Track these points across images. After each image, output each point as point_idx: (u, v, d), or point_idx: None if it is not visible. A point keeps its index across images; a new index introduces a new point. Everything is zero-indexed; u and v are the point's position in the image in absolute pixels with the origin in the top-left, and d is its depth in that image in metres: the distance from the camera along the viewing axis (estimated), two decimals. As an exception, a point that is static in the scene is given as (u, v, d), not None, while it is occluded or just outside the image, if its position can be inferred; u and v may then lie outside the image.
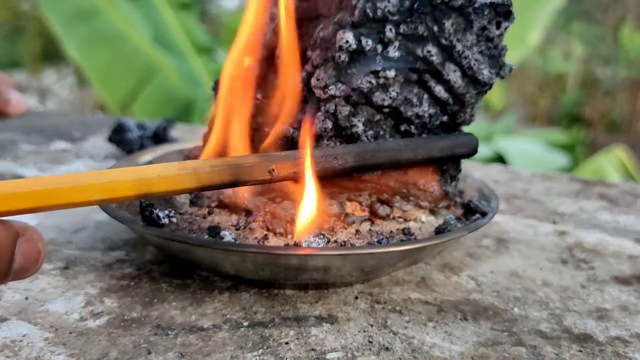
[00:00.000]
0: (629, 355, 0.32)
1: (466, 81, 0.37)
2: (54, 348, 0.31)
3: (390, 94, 0.37)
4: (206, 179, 0.32)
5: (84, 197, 0.29)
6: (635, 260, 0.44)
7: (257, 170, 0.33)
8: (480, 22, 0.36)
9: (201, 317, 0.34)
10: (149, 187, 0.31)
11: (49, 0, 3.05)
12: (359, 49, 0.36)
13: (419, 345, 0.32)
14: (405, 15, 0.36)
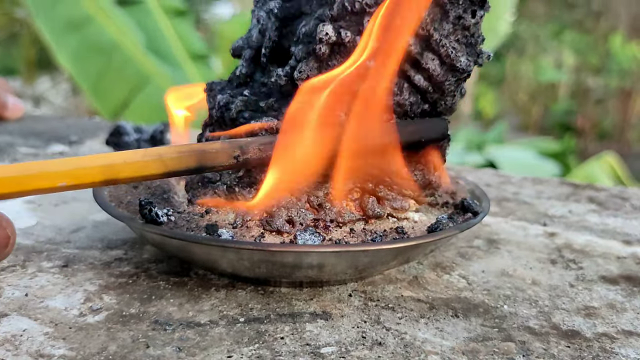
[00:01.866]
0: (615, 351, 0.33)
1: (445, 69, 0.38)
2: (54, 342, 0.32)
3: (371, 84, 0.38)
4: (172, 165, 0.33)
5: (51, 184, 0.30)
6: (623, 261, 0.45)
7: (222, 156, 0.34)
8: (456, 11, 0.38)
9: (198, 313, 0.35)
10: (115, 174, 0.31)
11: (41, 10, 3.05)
12: (339, 41, 0.37)
13: (411, 341, 0.33)
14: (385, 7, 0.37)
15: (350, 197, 0.38)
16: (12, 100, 0.80)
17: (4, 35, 7.59)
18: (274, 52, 0.42)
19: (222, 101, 0.41)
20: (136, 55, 3.08)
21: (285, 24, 0.41)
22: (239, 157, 0.35)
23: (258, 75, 0.43)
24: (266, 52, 0.42)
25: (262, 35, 0.43)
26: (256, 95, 0.41)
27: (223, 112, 0.41)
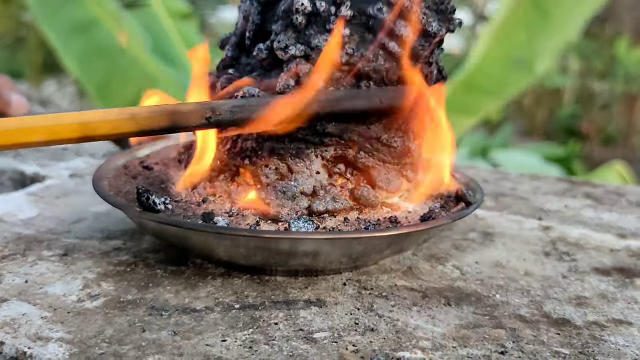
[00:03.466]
0: (605, 339, 0.34)
1: (418, 36, 0.39)
2: (52, 326, 0.32)
3: (347, 51, 0.38)
4: (145, 124, 0.34)
5: (29, 139, 0.31)
6: (616, 254, 0.45)
7: (194, 116, 0.35)
8: None
9: (194, 300, 0.36)
10: (91, 131, 0.32)
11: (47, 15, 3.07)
12: (315, 12, 0.38)
13: (403, 327, 0.34)
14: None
15: (345, 185, 0.39)
16: (15, 98, 0.80)
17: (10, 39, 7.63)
18: (257, 34, 0.43)
19: (211, 82, 0.42)
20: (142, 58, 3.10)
21: (267, 9, 0.42)
22: (210, 119, 0.35)
23: (243, 59, 0.44)
24: (250, 35, 0.43)
25: (246, 21, 0.44)
26: (240, 73, 0.42)
27: (212, 91, 0.42)
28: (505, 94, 3.01)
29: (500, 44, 2.62)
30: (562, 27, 2.72)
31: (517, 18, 2.54)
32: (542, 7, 2.50)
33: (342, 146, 0.39)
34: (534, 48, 2.68)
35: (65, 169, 0.60)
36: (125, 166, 0.45)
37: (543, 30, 2.68)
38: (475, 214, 0.52)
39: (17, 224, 0.46)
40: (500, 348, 0.32)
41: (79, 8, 3.09)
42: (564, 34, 2.81)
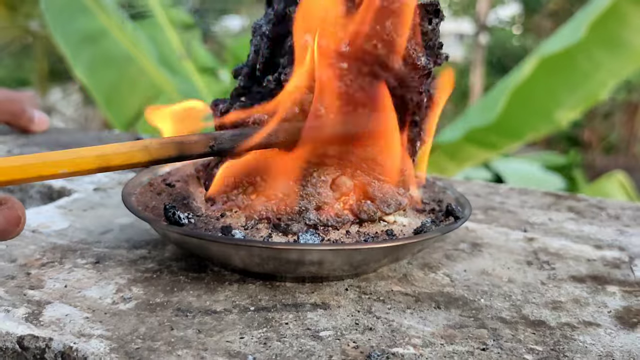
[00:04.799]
0: (574, 338, 0.38)
1: (408, 68, 0.43)
2: (92, 325, 0.37)
3: (344, 82, 0.43)
4: (156, 154, 0.39)
5: (53, 171, 0.36)
6: (592, 263, 0.50)
7: (199, 146, 0.40)
8: (416, 19, 0.43)
9: (214, 303, 0.41)
10: (107, 162, 0.37)
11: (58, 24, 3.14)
12: (321, 48, 0.43)
13: (398, 327, 0.39)
14: (354, 19, 0.43)
15: (346, 202, 0.44)
16: (38, 114, 0.86)
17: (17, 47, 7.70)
18: (267, 66, 0.48)
19: (223, 109, 0.47)
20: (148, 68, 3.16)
21: (276, 43, 0.47)
22: (213, 147, 0.40)
23: (254, 88, 0.49)
24: (260, 67, 0.48)
25: (257, 54, 0.49)
26: (251, 100, 0.47)
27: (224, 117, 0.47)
28: (524, 137, 3.07)
29: (523, 91, 2.66)
30: (590, 82, 2.76)
31: (544, 68, 2.58)
32: (572, 60, 2.54)
33: (342, 166, 0.44)
34: (556, 99, 2.73)
35: (89, 183, 0.65)
36: (149, 183, 0.50)
37: (568, 83, 2.72)
38: (465, 226, 0.56)
39: (51, 235, 0.51)
40: (481, 345, 0.37)
41: (89, 19, 3.16)
42: (591, 89, 2.84)
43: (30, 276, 0.43)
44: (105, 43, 3.05)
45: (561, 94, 2.81)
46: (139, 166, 0.40)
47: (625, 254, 0.52)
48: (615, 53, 2.62)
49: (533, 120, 3.02)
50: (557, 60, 2.58)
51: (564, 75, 2.71)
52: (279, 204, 0.43)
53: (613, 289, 0.45)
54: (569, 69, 2.64)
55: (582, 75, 2.73)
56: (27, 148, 0.78)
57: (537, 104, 2.82)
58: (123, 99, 3.13)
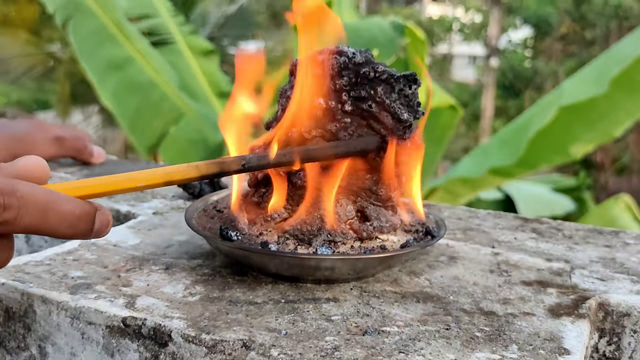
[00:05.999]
0: (514, 323, 0.54)
1: (394, 121, 0.59)
2: (172, 310, 0.53)
3: (349, 132, 0.59)
4: (204, 170, 0.54)
5: (133, 184, 0.51)
6: (541, 272, 0.65)
7: (234, 165, 0.55)
8: (399, 86, 0.59)
9: (255, 297, 0.56)
10: (170, 177, 0.52)
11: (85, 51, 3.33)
12: (327, 107, 0.59)
13: (387, 314, 0.54)
14: (353, 86, 0.59)
15: (351, 224, 0.59)
16: (96, 149, 1.03)
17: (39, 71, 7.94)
18: None
19: None
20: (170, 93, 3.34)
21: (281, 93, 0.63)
22: (244, 165, 0.56)
23: None
24: None
25: (283, 111, 0.65)
26: None
27: None
28: (539, 167, 3.22)
29: (544, 134, 2.81)
30: (607, 121, 2.90)
31: (565, 113, 2.73)
32: (592, 103, 2.69)
33: (347, 195, 0.60)
34: (573, 135, 2.88)
35: (148, 208, 0.81)
36: (204, 209, 0.67)
37: (586, 121, 2.86)
38: (446, 243, 0.72)
39: (128, 248, 0.67)
40: (446, 326, 0.52)
41: (114, 46, 3.36)
42: (607, 128, 2.99)
43: (120, 277, 0.59)
44: (130, 70, 3.24)
45: (578, 130, 2.95)
46: (192, 180, 0.55)
47: (568, 265, 0.67)
48: (635, 96, 2.75)
49: (550, 154, 3.17)
50: (578, 106, 2.72)
51: (582, 114, 2.85)
52: (302, 225, 0.58)
53: (552, 290, 0.61)
54: (588, 109, 2.78)
55: (599, 115, 2.87)
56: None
57: (555, 142, 2.97)
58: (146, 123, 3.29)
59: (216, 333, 0.49)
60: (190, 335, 0.49)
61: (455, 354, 0.48)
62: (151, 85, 3.25)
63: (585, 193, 6.33)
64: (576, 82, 2.99)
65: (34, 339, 0.56)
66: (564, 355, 0.48)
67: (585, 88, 2.82)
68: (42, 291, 0.55)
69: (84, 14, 3.10)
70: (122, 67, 3.25)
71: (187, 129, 3.26)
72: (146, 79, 3.25)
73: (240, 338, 0.49)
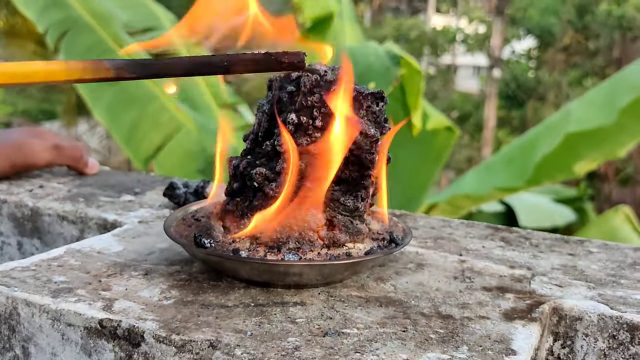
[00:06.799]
0: (469, 325, 0.57)
1: (362, 136, 0.62)
2: (147, 313, 0.56)
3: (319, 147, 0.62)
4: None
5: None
6: (502, 278, 0.68)
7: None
8: (367, 103, 0.63)
9: (227, 301, 0.60)
10: None
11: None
12: (299, 122, 0.62)
13: (349, 317, 0.57)
14: (324, 103, 0.62)
15: (319, 232, 0.63)
16: (91, 160, 1.07)
17: (45, 81, 7.98)
18: (266, 134, 0.67)
19: (235, 164, 0.66)
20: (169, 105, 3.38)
21: (272, 118, 0.67)
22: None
23: (257, 149, 0.68)
24: (261, 134, 0.67)
25: (259, 125, 0.68)
26: (255, 158, 0.66)
27: (236, 169, 0.66)
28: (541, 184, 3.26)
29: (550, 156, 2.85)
30: (611, 142, 2.94)
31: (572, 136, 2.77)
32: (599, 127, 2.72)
33: (316, 205, 0.63)
34: (577, 154, 2.92)
35: (134, 217, 0.85)
36: (183, 218, 0.70)
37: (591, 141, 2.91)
38: (416, 251, 0.75)
39: (111, 255, 0.70)
40: (403, 328, 0.56)
41: (111, 60, 3.38)
42: (611, 148, 3.03)
43: (101, 282, 0.63)
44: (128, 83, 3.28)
45: (583, 151, 2.99)
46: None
47: (530, 272, 0.70)
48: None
49: (555, 173, 3.22)
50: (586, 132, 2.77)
51: (588, 137, 2.89)
52: (272, 234, 0.62)
53: (510, 295, 0.64)
54: (594, 133, 2.82)
55: (605, 137, 2.91)
56: (82, 188, 0.99)
57: (560, 163, 3.02)
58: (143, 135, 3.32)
59: (185, 334, 0.53)
60: (161, 335, 0.53)
61: (408, 354, 0.51)
62: (150, 97, 3.29)
63: (586, 204, 6.35)
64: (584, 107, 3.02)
65: (18, 340, 0.59)
66: (510, 355, 0.51)
67: (593, 115, 2.86)
68: (25, 295, 0.59)
69: (80, 30, 3.15)
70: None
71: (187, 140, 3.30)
72: (144, 91, 3.29)
73: (208, 338, 0.52)
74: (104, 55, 3.20)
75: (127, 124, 3.21)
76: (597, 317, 0.60)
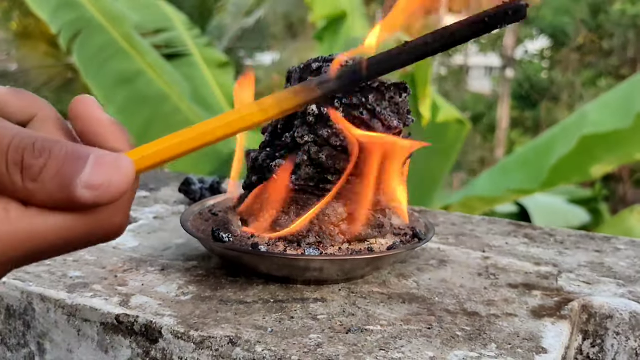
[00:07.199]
0: (496, 323, 0.55)
1: (385, 128, 0.60)
2: (164, 309, 0.55)
3: (340, 138, 0.61)
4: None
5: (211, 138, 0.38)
6: (528, 275, 0.66)
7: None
8: (389, 94, 0.61)
9: (246, 297, 0.58)
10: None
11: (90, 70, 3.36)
12: (320, 114, 0.61)
13: (372, 313, 0.56)
14: (345, 93, 0.61)
15: (340, 226, 0.61)
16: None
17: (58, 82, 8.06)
18: (285, 126, 0.65)
19: (254, 156, 0.65)
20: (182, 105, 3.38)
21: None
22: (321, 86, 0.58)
23: (276, 141, 0.67)
24: (280, 127, 0.65)
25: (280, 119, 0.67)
26: (274, 150, 0.65)
27: (254, 162, 0.64)
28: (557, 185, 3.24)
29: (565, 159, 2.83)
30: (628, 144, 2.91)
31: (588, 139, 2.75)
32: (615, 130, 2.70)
33: (337, 198, 0.62)
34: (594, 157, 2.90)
35: (149, 213, 0.84)
36: (200, 213, 0.69)
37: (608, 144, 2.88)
38: (438, 247, 0.73)
39: (127, 250, 0.69)
40: (428, 325, 0.54)
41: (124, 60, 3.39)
42: (629, 151, 3.00)
43: (117, 278, 0.61)
44: (140, 83, 3.28)
45: (599, 154, 2.96)
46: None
47: (556, 269, 0.68)
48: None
49: (571, 176, 3.19)
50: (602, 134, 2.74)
51: (605, 140, 2.86)
52: (292, 228, 0.60)
53: (537, 292, 0.62)
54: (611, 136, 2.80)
55: (620, 139, 2.88)
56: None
57: (576, 165, 2.99)
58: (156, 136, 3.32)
59: (204, 330, 0.51)
60: (179, 332, 0.51)
61: (435, 352, 0.49)
62: (162, 98, 3.28)
63: (601, 204, 6.28)
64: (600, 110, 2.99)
65: (33, 336, 0.58)
66: (541, 354, 0.49)
67: (609, 118, 2.82)
68: (41, 290, 0.57)
69: (93, 30, 3.15)
70: (132, 80, 3.28)
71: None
72: (157, 92, 3.29)
73: (228, 335, 0.50)
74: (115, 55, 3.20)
75: (140, 124, 3.21)
76: (629, 315, 0.58)
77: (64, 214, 0.30)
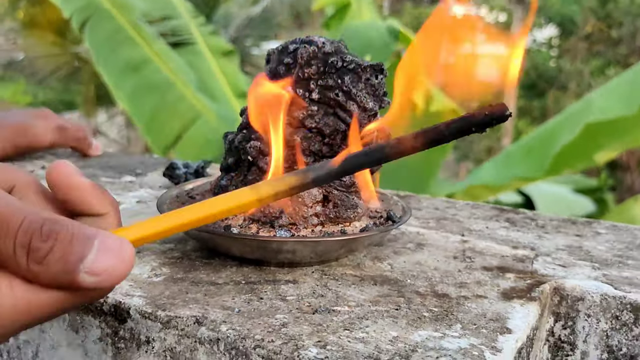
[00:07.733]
0: (465, 304, 0.55)
1: (360, 110, 0.61)
2: (134, 289, 0.55)
3: (315, 120, 0.61)
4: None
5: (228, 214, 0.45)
6: (504, 258, 0.66)
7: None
8: (366, 75, 0.61)
9: (218, 278, 0.58)
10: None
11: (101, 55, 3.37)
12: (297, 95, 0.61)
13: (342, 295, 0.56)
14: (321, 75, 0.61)
15: (316, 207, 0.61)
16: (94, 142, 1.06)
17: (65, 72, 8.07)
18: None
19: (231, 138, 0.65)
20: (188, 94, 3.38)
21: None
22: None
23: None
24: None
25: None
26: (250, 132, 0.65)
27: (231, 144, 0.64)
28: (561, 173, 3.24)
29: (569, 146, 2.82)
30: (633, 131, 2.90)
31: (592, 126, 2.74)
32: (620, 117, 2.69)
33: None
34: (598, 143, 2.88)
35: (133, 197, 0.84)
36: (177, 196, 0.69)
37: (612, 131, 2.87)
38: (417, 231, 0.73)
39: (106, 233, 0.69)
40: (396, 306, 0.54)
41: (132, 48, 3.41)
42: (634, 137, 2.98)
43: (92, 259, 0.62)
44: (147, 71, 3.28)
45: (604, 140, 2.95)
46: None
47: (533, 253, 0.68)
48: None
49: (574, 162, 3.18)
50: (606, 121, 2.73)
51: (609, 126, 2.85)
52: (265, 209, 0.61)
53: (510, 275, 0.62)
54: (616, 123, 2.79)
55: (625, 125, 2.87)
56: (84, 169, 0.98)
57: (580, 152, 2.98)
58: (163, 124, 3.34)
59: (172, 310, 0.52)
60: (147, 312, 0.52)
61: (399, 332, 0.49)
62: (168, 86, 3.29)
63: (606, 194, 6.25)
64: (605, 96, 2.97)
65: (7, 316, 0.59)
66: (505, 334, 0.50)
67: (614, 104, 2.80)
68: (14, 270, 0.58)
69: (102, 16, 3.16)
70: (139, 68, 3.29)
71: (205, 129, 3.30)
72: (163, 80, 3.29)
73: (194, 315, 0.51)
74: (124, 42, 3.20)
75: (148, 111, 3.22)
76: (599, 297, 0.58)
77: (64, 291, 0.33)
